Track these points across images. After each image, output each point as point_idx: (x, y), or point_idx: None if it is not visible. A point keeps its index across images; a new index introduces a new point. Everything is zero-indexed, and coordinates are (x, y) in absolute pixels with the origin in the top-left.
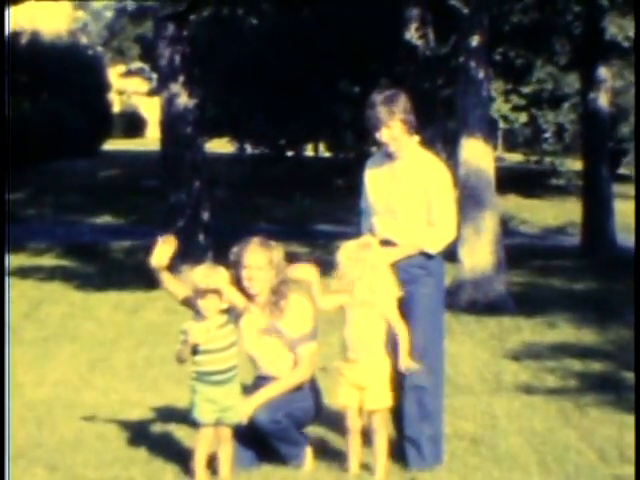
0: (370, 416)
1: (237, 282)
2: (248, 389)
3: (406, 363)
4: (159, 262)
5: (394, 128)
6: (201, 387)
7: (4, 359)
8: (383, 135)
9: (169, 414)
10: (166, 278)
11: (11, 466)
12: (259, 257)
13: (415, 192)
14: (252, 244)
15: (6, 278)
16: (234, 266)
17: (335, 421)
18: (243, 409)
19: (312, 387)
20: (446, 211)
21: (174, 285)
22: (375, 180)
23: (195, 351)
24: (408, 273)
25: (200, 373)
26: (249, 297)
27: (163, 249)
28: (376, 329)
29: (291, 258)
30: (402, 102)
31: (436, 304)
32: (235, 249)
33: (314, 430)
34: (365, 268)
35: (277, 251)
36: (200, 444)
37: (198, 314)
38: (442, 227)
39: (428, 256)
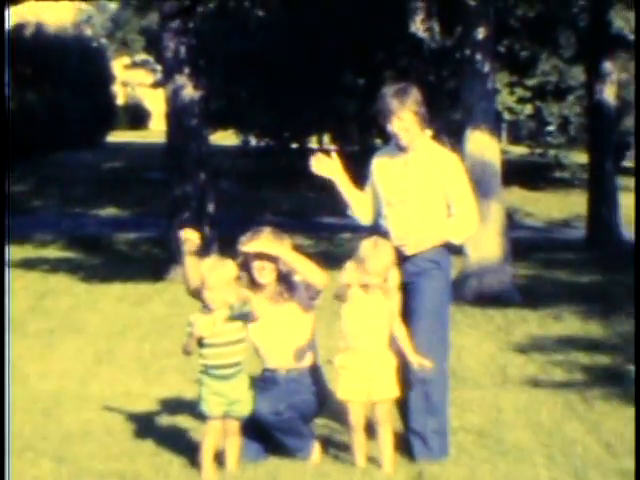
0: (375, 408)
1: (246, 272)
2: (256, 382)
3: (415, 360)
4: (190, 244)
5: (406, 119)
6: (208, 380)
7: (4, 352)
8: (395, 126)
9: (175, 406)
10: (191, 261)
11: (17, 458)
12: (270, 250)
13: (429, 183)
14: (263, 234)
15: (6, 270)
16: (244, 256)
17: (341, 413)
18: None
19: (316, 378)
20: (467, 202)
21: (194, 271)
22: (386, 171)
23: (201, 344)
24: (417, 266)
25: (207, 366)
26: (258, 287)
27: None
28: (382, 318)
29: (299, 250)
30: (414, 94)
31: (443, 298)
32: (245, 238)
33: (320, 422)
34: (388, 266)
35: (287, 242)
36: (207, 437)
37: (205, 307)
38: (465, 218)
39: (439, 249)
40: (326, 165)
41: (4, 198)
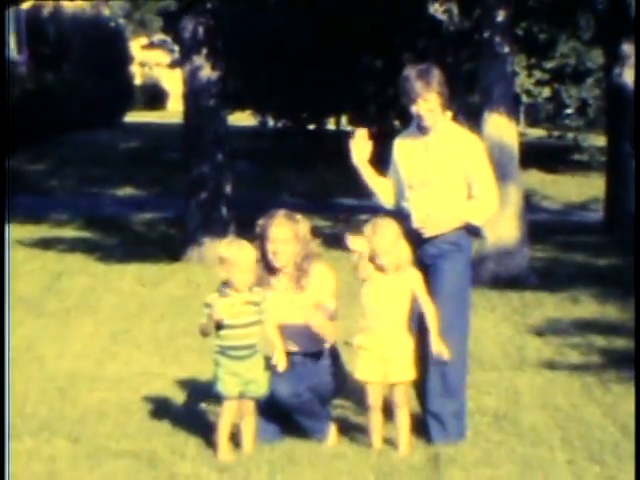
0: (392, 389)
1: (262, 255)
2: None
3: (437, 347)
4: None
5: (431, 101)
6: (225, 361)
7: (4, 336)
8: (420, 108)
9: (192, 386)
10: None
11: (34, 438)
12: (285, 230)
13: (450, 165)
14: (278, 217)
15: (6, 251)
16: (259, 239)
17: (358, 395)
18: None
19: (334, 361)
20: (487, 183)
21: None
22: (407, 154)
23: (219, 326)
24: (437, 247)
25: (223, 347)
26: (273, 270)
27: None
28: (401, 300)
29: (316, 232)
30: (437, 75)
31: (463, 280)
32: (261, 221)
33: (336, 403)
34: (393, 240)
35: (303, 224)
36: (223, 417)
37: (226, 287)
38: (485, 199)
39: (460, 232)
40: (361, 148)
41: (5, 179)
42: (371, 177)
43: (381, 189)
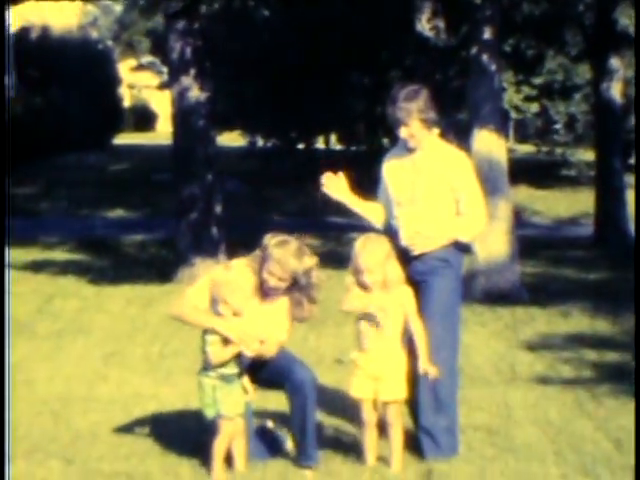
0: (385, 407)
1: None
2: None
3: (425, 366)
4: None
5: (412, 127)
6: (221, 383)
7: (4, 355)
8: (402, 133)
9: (184, 407)
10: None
11: (26, 460)
12: (288, 268)
13: (438, 182)
14: (289, 248)
15: (6, 271)
16: (263, 254)
17: (351, 413)
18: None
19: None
20: (475, 200)
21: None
22: (395, 172)
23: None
24: (427, 264)
25: (224, 373)
26: (263, 286)
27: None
28: (393, 321)
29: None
30: (422, 100)
31: (453, 296)
32: (272, 241)
33: (329, 421)
34: (381, 260)
35: (309, 257)
36: (222, 437)
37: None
38: (473, 216)
39: (449, 248)
40: (335, 185)
41: (4, 200)
42: (357, 205)
43: (370, 212)
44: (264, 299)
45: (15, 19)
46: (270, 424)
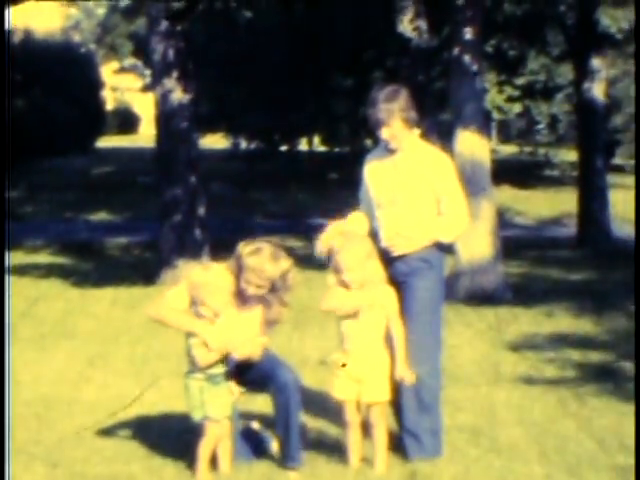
0: (368, 409)
1: (236, 278)
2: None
3: (402, 372)
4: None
5: (394, 127)
6: (209, 385)
7: (4, 358)
8: (383, 134)
9: (168, 409)
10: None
11: (11, 463)
12: (265, 275)
13: (418, 183)
14: (265, 251)
15: (6, 277)
16: (237, 263)
17: (334, 414)
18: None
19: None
20: (456, 200)
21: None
22: (376, 173)
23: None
24: (408, 265)
25: (210, 372)
26: (242, 294)
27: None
28: (375, 322)
29: (290, 252)
30: (402, 100)
31: (435, 297)
32: (245, 250)
33: (313, 423)
34: (361, 258)
35: (284, 260)
36: (208, 439)
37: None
38: (454, 216)
39: (431, 248)
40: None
41: (4, 206)
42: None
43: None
44: (241, 307)
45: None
46: (256, 425)
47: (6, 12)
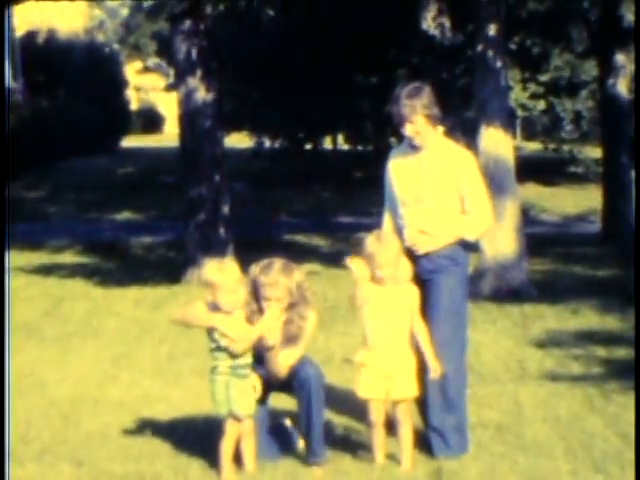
0: (395, 406)
1: (252, 294)
2: None
3: (432, 366)
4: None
5: (417, 123)
6: (235, 380)
7: (4, 358)
8: (407, 130)
9: (193, 408)
10: None
11: (37, 463)
12: (278, 288)
13: (443, 181)
14: (273, 273)
15: (5, 275)
16: (253, 284)
17: (359, 411)
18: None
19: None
20: (480, 198)
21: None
22: (401, 171)
23: (219, 347)
24: (433, 262)
25: (234, 366)
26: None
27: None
28: (402, 318)
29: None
30: (425, 97)
31: (460, 294)
32: (256, 270)
33: (338, 420)
34: (392, 256)
35: (297, 273)
36: (227, 437)
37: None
38: (479, 214)
39: (455, 246)
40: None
41: (4, 204)
42: None
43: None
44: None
45: (21, 23)
46: (288, 422)
47: (6, 12)
